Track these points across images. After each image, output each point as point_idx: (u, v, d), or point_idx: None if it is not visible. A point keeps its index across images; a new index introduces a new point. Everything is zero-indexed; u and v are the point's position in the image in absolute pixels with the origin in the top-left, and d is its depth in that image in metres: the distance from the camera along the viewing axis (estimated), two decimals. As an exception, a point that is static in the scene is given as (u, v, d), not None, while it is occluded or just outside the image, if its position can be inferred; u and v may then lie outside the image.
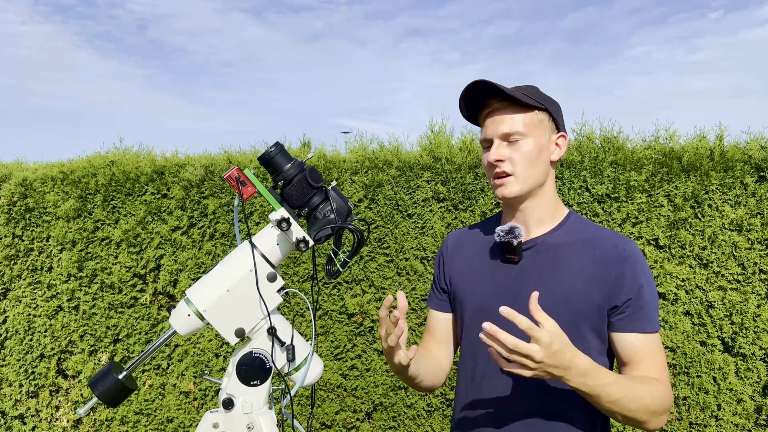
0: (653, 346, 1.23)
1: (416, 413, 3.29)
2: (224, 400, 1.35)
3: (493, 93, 1.29)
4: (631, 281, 1.23)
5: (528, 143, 1.28)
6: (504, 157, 1.28)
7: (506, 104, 1.29)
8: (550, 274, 1.28)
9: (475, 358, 1.35)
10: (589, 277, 1.25)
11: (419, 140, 3.44)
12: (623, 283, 1.23)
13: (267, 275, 1.35)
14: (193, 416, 3.43)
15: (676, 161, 3.09)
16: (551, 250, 1.30)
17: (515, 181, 1.28)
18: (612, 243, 1.27)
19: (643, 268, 1.25)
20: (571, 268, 1.27)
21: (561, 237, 1.32)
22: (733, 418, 3.03)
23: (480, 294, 1.35)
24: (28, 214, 3.57)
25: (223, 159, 3.49)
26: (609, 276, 1.24)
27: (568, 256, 1.28)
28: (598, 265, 1.25)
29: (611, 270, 1.24)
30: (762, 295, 3.03)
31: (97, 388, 1.32)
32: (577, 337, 1.22)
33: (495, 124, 1.29)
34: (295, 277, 3.34)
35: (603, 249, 1.26)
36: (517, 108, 1.28)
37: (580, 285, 1.25)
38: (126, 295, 3.44)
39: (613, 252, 1.25)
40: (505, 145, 1.29)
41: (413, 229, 3.27)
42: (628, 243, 1.27)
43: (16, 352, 3.55)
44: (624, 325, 1.24)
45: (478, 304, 1.35)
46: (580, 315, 1.25)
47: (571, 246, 1.29)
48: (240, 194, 1.34)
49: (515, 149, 1.28)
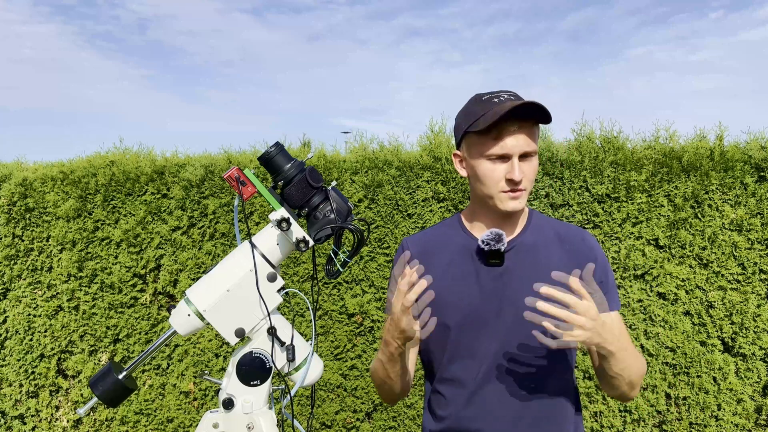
0: (618, 323, 1.38)
1: (416, 413, 3.29)
2: (224, 400, 1.35)
3: (530, 114, 1.27)
4: (600, 269, 1.35)
5: (536, 159, 1.33)
6: (523, 174, 1.30)
7: (531, 123, 1.29)
8: (534, 272, 1.31)
9: (465, 365, 1.34)
10: (568, 271, 1.28)
11: (419, 140, 3.44)
12: (595, 271, 1.30)
13: (267, 275, 1.35)
14: (193, 416, 3.43)
15: (676, 161, 3.09)
16: (530, 249, 1.37)
17: (526, 195, 1.33)
18: (579, 237, 1.41)
19: (603, 255, 1.43)
20: (552, 265, 1.32)
21: (533, 236, 1.39)
22: (733, 418, 3.03)
23: (467, 299, 1.34)
24: (28, 214, 3.57)
25: (223, 159, 3.49)
26: (582, 266, 1.29)
27: (547, 253, 1.36)
28: (572, 259, 1.35)
29: (583, 261, 1.30)
30: (762, 295, 3.03)
31: (97, 388, 1.32)
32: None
33: (517, 141, 1.27)
34: (295, 277, 3.34)
35: (572, 243, 1.39)
36: (534, 126, 1.30)
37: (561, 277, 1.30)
38: (126, 295, 3.44)
39: (582, 245, 1.39)
40: (520, 162, 1.30)
41: (413, 229, 3.27)
42: (588, 235, 1.43)
43: (16, 352, 3.55)
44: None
45: (466, 310, 1.34)
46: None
47: (546, 244, 1.38)
48: (240, 194, 1.34)
49: (528, 165, 1.30)
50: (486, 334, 1.33)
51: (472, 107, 1.35)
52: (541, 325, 1.15)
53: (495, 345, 1.32)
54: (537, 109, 1.25)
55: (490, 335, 1.32)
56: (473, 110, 1.33)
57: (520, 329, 1.30)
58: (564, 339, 1.14)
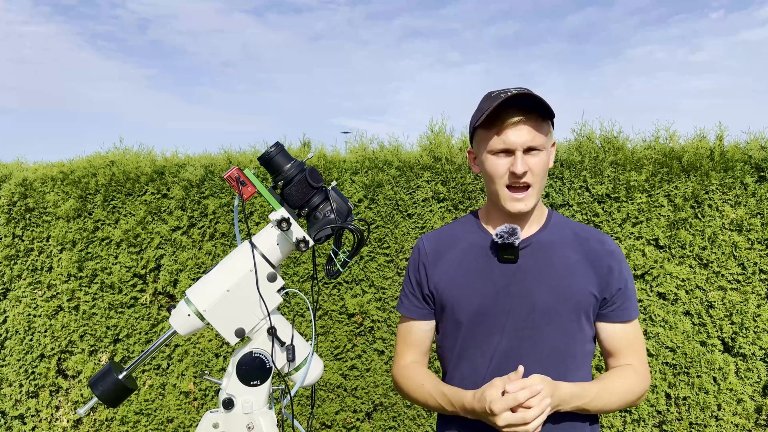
0: (635, 331, 1.39)
1: (416, 413, 3.29)
2: (224, 400, 1.35)
3: (527, 105, 1.27)
4: (618, 274, 1.35)
5: (545, 155, 1.31)
6: (527, 168, 1.28)
7: (534, 116, 1.28)
8: (549, 271, 1.33)
9: (475, 362, 1.35)
10: (584, 272, 1.33)
11: (419, 140, 3.44)
12: (612, 276, 1.35)
13: (267, 275, 1.35)
14: (193, 416, 3.43)
15: (676, 161, 3.09)
16: (546, 248, 1.36)
17: (533, 194, 1.31)
18: (597, 240, 1.39)
19: (625, 261, 1.40)
20: (567, 265, 1.33)
21: (550, 235, 1.38)
22: (733, 418, 3.04)
23: (479, 295, 1.34)
24: (28, 214, 3.57)
25: (223, 159, 3.49)
26: (600, 270, 1.34)
27: (563, 253, 1.35)
28: (589, 261, 1.35)
29: (601, 264, 1.34)
30: (762, 295, 3.03)
31: (97, 388, 1.32)
32: (578, 328, 1.32)
33: (520, 134, 1.27)
34: (295, 277, 3.34)
35: (591, 246, 1.37)
36: (540, 120, 1.29)
37: (578, 279, 1.33)
38: (126, 295, 3.44)
39: (601, 248, 1.37)
40: (525, 157, 1.29)
41: (413, 229, 3.27)
42: (610, 240, 1.41)
43: (16, 352, 3.55)
44: (614, 316, 1.36)
45: (477, 306, 1.34)
46: (580, 307, 1.32)
47: (563, 244, 1.37)
48: (240, 194, 1.34)
49: (535, 161, 1.29)
50: (496, 331, 1.32)
51: (481, 104, 1.37)
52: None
53: (504, 342, 1.32)
54: (535, 100, 1.25)
55: (500, 332, 1.32)
56: (481, 106, 1.36)
57: (530, 327, 1.30)
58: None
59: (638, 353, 1.39)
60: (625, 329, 1.37)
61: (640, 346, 1.40)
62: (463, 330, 1.36)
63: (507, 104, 1.25)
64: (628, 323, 1.37)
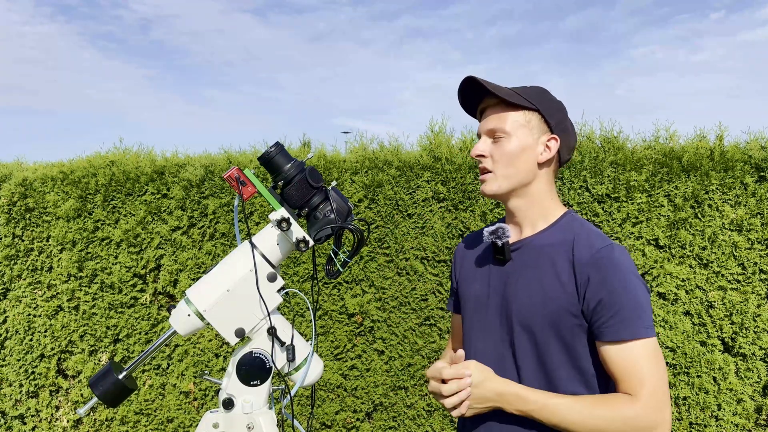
0: (638, 355, 1.15)
1: (416, 413, 3.29)
2: (224, 400, 1.35)
3: (484, 90, 1.32)
4: (598, 285, 1.17)
5: (510, 142, 1.28)
6: (485, 153, 1.31)
7: (497, 102, 1.31)
8: (533, 276, 1.26)
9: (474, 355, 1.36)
10: (564, 281, 1.22)
11: (419, 140, 3.44)
12: (589, 287, 1.18)
13: (267, 275, 1.35)
14: (193, 416, 3.43)
15: (676, 161, 3.09)
16: (535, 251, 1.28)
17: (493, 178, 1.30)
18: (589, 246, 1.22)
19: (618, 273, 1.18)
20: (551, 272, 1.24)
21: (547, 238, 1.28)
22: (733, 418, 3.03)
23: (476, 293, 1.38)
24: (28, 214, 3.57)
25: (223, 159, 3.49)
26: (580, 279, 1.20)
27: (550, 258, 1.25)
28: (572, 269, 1.21)
29: (581, 272, 1.20)
30: (762, 295, 3.03)
31: (97, 388, 1.32)
32: (555, 342, 1.23)
33: (485, 120, 1.33)
34: (295, 277, 3.34)
35: (579, 252, 1.21)
36: (506, 107, 1.30)
37: (556, 288, 1.22)
38: (126, 295, 3.44)
39: (587, 256, 1.20)
40: (490, 142, 1.32)
41: (413, 229, 3.27)
42: (606, 248, 1.20)
43: (16, 352, 3.55)
44: (600, 334, 1.18)
45: (474, 303, 1.38)
46: (553, 319, 1.22)
47: (553, 248, 1.26)
48: (240, 194, 1.34)
49: (497, 147, 1.30)
50: (487, 332, 1.34)
51: None
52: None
53: (491, 345, 1.32)
54: (478, 84, 1.30)
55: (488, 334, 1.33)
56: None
57: (509, 333, 1.29)
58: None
59: (643, 382, 1.13)
60: (620, 352, 1.15)
61: (648, 374, 1.14)
62: (465, 326, 1.41)
63: (462, 93, 1.35)
64: (622, 344, 1.15)
